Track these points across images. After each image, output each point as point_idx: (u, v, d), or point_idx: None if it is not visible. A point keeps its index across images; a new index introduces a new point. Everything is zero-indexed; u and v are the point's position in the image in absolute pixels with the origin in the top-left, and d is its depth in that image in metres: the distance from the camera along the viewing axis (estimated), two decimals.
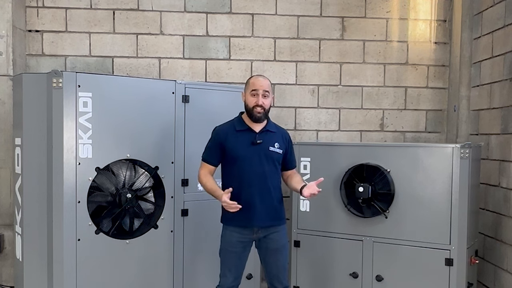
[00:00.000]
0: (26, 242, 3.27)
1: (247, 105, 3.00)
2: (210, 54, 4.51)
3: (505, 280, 3.80)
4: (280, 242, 3.06)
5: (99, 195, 3.26)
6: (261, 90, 2.96)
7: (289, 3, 4.55)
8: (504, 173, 3.84)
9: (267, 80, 3.04)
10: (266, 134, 3.03)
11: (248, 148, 2.96)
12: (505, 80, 3.86)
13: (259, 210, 2.96)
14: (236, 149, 2.96)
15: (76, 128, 3.13)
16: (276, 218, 3.05)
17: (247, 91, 3.01)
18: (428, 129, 4.71)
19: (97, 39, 4.40)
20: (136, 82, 3.48)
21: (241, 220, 2.97)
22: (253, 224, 2.98)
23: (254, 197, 2.95)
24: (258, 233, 3.01)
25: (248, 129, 3.02)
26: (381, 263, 3.59)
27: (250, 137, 3.00)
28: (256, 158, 2.94)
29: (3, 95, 4.00)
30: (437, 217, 3.42)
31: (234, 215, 2.92)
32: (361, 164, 3.61)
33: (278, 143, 3.05)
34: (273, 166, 3.03)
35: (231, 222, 3.01)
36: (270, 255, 3.06)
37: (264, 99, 2.96)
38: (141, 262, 3.42)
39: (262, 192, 2.96)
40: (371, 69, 4.65)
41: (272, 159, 3.01)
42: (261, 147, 2.98)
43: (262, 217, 2.98)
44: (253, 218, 2.97)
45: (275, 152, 3.03)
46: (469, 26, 4.39)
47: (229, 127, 3.05)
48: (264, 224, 3.00)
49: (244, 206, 2.89)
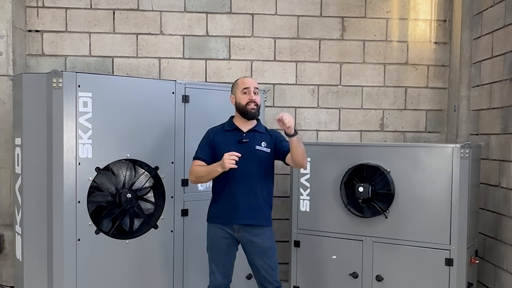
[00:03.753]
0: (26, 242, 3.27)
1: (240, 103, 3.05)
2: (210, 54, 4.51)
3: (505, 280, 3.80)
4: (264, 245, 3.04)
5: (99, 195, 3.26)
6: (252, 87, 3.05)
7: (289, 3, 4.55)
8: (504, 173, 3.84)
9: (254, 79, 3.17)
10: (254, 134, 3.08)
11: (234, 147, 2.98)
12: (505, 80, 3.85)
13: (241, 208, 2.99)
14: (222, 147, 3.00)
15: (76, 128, 3.13)
16: (259, 218, 3.03)
17: (238, 91, 3.06)
18: (428, 129, 4.71)
19: (97, 39, 4.40)
20: (136, 82, 3.48)
21: (223, 217, 3.04)
22: (233, 221, 3.01)
23: (237, 195, 2.99)
24: (239, 232, 3.02)
25: (235, 128, 3.08)
26: (381, 263, 3.59)
27: (237, 136, 3.05)
28: (242, 156, 2.93)
29: (3, 95, 4.00)
30: (437, 217, 3.42)
31: (216, 212, 3.06)
32: (361, 164, 3.61)
33: (265, 141, 3.07)
34: (259, 166, 3.03)
35: (214, 220, 3.09)
36: (255, 258, 3.06)
37: (255, 95, 3.05)
38: (141, 262, 3.42)
39: (246, 191, 2.99)
40: (371, 69, 4.65)
41: (259, 158, 3.03)
42: (248, 146, 3.02)
43: (243, 215, 3.00)
44: (234, 215, 3.00)
45: (262, 151, 3.04)
46: (469, 26, 4.38)
47: (219, 128, 3.14)
48: (245, 221, 3.00)
49: (227, 203, 3.01)
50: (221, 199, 3.05)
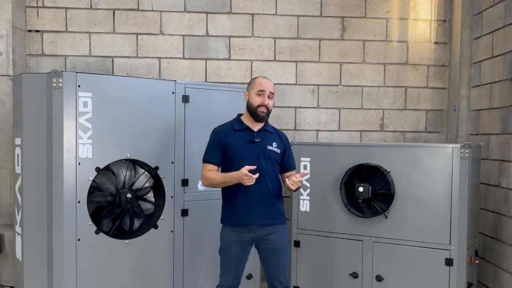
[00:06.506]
0: (26, 242, 3.27)
1: (251, 103, 3.02)
2: (210, 54, 4.51)
3: (505, 280, 3.80)
4: (280, 243, 3.05)
5: (99, 195, 3.26)
6: (267, 91, 3.01)
7: (289, 3, 4.55)
8: (504, 173, 3.84)
9: (272, 82, 3.11)
10: (264, 134, 3.06)
11: (246, 147, 2.97)
12: (505, 80, 3.85)
13: (257, 208, 2.97)
14: (234, 148, 2.98)
15: (76, 128, 3.13)
16: (275, 217, 3.04)
17: (252, 91, 3.02)
18: (428, 129, 4.71)
19: (97, 39, 4.40)
20: (136, 82, 3.48)
21: (239, 219, 2.99)
22: (250, 222, 2.99)
23: (252, 195, 2.95)
24: (256, 232, 3.00)
25: (246, 128, 3.05)
26: (381, 263, 3.59)
27: (248, 135, 3.02)
28: (254, 156, 2.94)
29: (3, 95, 4.00)
30: (437, 217, 3.42)
31: (232, 214, 2.99)
32: (361, 164, 3.61)
33: (276, 142, 3.08)
34: (271, 165, 3.03)
35: (229, 222, 3.03)
36: (270, 256, 3.05)
37: (269, 100, 3.02)
38: (141, 262, 3.42)
39: (260, 190, 2.96)
40: (371, 69, 4.65)
41: (270, 158, 3.03)
42: (259, 145, 3.01)
43: (260, 215, 2.98)
44: (250, 216, 2.98)
45: (273, 151, 3.04)
46: (469, 26, 4.39)
47: (227, 127, 3.08)
48: (262, 222, 2.99)
49: (242, 204, 2.96)
50: (236, 200, 2.99)
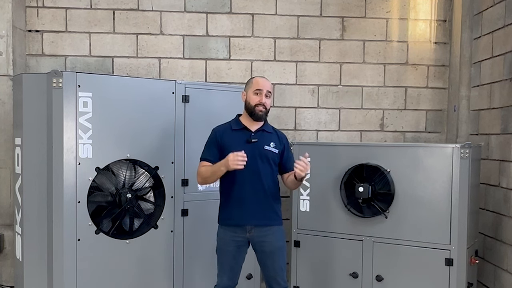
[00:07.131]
0: (26, 242, 3.27)
1: (249, 103, 3.02)
2: (210, 54, 4.51)
3: (505, 280, 3.80)
4: (276, 244, 3.02)
5: (99, 195, 3.26)
6: (265, 90, 3.01)
7: (289, 3, 4.55)
8: (504, 173, 3.84)
9: (269, 81, 3.11)
10: (262, 134, 3.06)
11: (243, 146, 2.95)
12: (505, 80, 3.85)
13: (251, 208, 2.96)
14: (231, 147, 2.96)
15: (76, 128, 3.13)
16: (270, 218, 3.02)
17: (250, 90, 3.03)
18: (428, 129, 4.71)
19: (97, 39, 4.40)
20: (136, 82, 3.48)
21: (233, 219, 2.99)
22: (245, 222, 2.98)
23: (247, 195, 2.95)
24: (251, 232, 2.99)
25: (243, 128, 3.05)
26: (381, 263, 3.59)
27: (245, 135, 3.02)
28: (250, 156, 2.92)
29: (3, 95, 4.00)
30: (437, 217, 3.42)
31: (227, 214, 3.00)
32: (361, 164, 3.61)
33: (273, 142, 3.06)
34: (268, 165, 3.02)
35: (224, 221, 3.04)
36: (266, 258, 3.04)
37: (266, 99, 3.02)
38: (141, 262, 3.42)
39: (255, 190, 2.96)
40: (371, 69, 4.65)
41: (267, 158, 3.02)
42: (256, 145, 3.00)
43: (254, 216, 2.97)
44: (245, 216, 2.97)
45: (270, 151, 3.03)
46: (469, 26, 4.39)
47: (226, 127, 3.09)
48: (256, 222, 2.98)
49: (237, 204, 2.96)
50: (231, 200, 2.99)
